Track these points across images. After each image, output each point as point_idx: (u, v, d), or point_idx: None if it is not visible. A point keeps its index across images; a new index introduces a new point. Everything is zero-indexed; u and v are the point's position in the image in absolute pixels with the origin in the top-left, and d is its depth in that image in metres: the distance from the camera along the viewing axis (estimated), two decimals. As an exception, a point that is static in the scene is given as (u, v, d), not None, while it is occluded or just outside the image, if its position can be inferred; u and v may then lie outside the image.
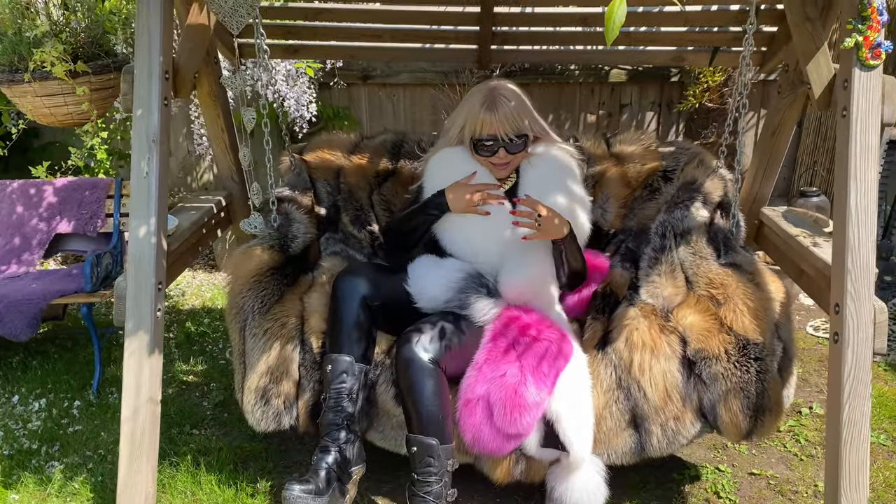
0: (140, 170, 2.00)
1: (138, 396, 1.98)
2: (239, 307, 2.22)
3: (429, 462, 1.97)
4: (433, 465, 1.97)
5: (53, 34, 2.32)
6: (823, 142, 4.23)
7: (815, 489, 2.45)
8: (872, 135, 1.87)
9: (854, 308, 1.85)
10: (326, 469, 2.01)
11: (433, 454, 1.97)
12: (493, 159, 2.24)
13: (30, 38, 2.29)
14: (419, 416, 1.99)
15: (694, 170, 2.49)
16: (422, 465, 1.98)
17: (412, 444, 1.99)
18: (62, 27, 2.35)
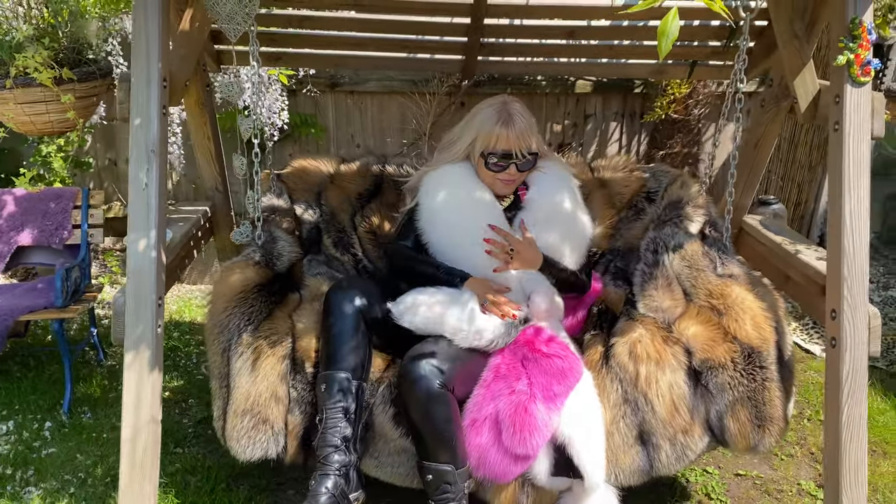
0: (139, 181, 1.92)
1: (139, 416, 1.90)
2: (222, 326, 2.08)
3: (445, 489, 1.92)
4: (450, 492, 1.92)
5: (36, 38, 2.20)
6: (777, 151, 4.40)
7: (798, 487, 2.54)
8: (863, 147, 1.96)
9: (851, 314, 1.93)
10: (327, 494, 1.90)
11: (449, 480, 1.92)
12: (501, 175, 2.23)
13: (10, 42, 2.17)
14: (433, 444, 1.93)
15: (678, 189, 2.54)
16: (438, 492, 1.92)
17: (427, 472, 1.93)
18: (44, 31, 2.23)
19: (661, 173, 2.65)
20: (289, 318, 2.16)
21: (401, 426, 2.03)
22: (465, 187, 2.29)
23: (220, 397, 2.07)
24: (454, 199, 2.28)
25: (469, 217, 2.26)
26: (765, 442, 2.08)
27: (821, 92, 2.25)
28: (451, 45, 2.74)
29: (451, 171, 2.32)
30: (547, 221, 2.27)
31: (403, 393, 1.96)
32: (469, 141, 2.27)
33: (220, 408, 2.06)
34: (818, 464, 2.67)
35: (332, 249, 2.58)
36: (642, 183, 2.63)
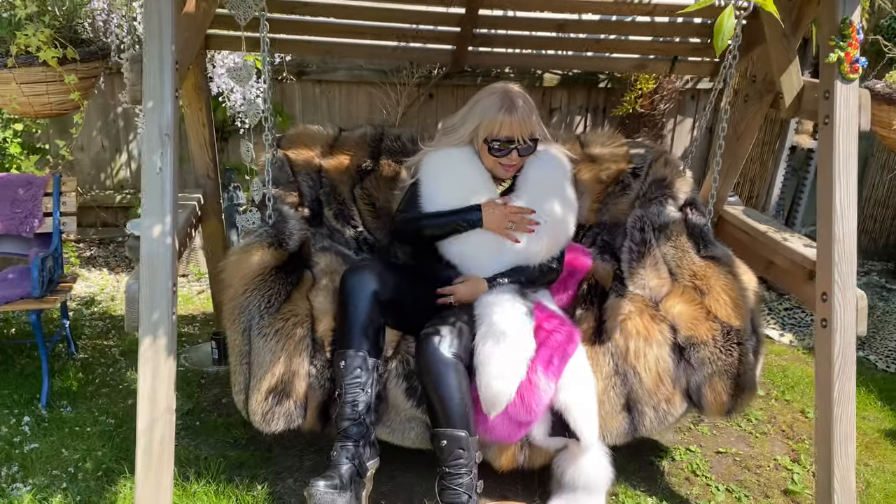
0: (153, 165, 1.87)
1: (155, 407, 1.86)
2: (242, 307, 2.14)
3: (459, 454, 2.00)
4: (463, 457, 2.00)
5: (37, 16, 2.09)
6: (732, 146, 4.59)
7: (774, 462, 2.69)
8: (852, 141, 2.09)
9: (841, 296, 2.06)
10: (348, 464, 2.00)
11: (463, 446, 2.00)
12: (504, 160, 2.29)
13: (10, 20, 2.05)
14: (447, 410, 2.02)
15: (662, 168, 2.68)
16: (452, 457, 2.00)
17: (441, 438, 2.02)
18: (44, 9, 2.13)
19: (644, 148, 2.77)
20: (306, 298, 2.22)
21: (412, 398, 2.14)
22: (465, 171, 2.35)
23: (240, 373, 2.13)
24: (454, 182, 2.34)
25: (469, 200, 2.31)
26: (737, 408, 2.30)
27: (804, 88, 2.38)
28: (444, 35, 2.76)
29: (454, 155, 2.36)
30: (538, 201, 2.33)
31: (420, 363, 2.07)
32: (473, 127, 2.31)
33: (242, 383, 2.12)
34: (789, 440, 2.83)
35: (334, 221, 2.62)
36: (628, 158, 2.73)
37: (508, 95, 2.27)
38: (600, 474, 2.20)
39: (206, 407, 2.81)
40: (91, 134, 4.29)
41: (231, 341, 2.18)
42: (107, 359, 3.12)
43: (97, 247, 4.38)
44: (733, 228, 2.73)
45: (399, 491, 2.34)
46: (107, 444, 2.53)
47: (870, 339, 3.70)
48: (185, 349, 3.22)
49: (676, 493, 2.48)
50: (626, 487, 2.47)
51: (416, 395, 2.13)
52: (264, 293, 2.13)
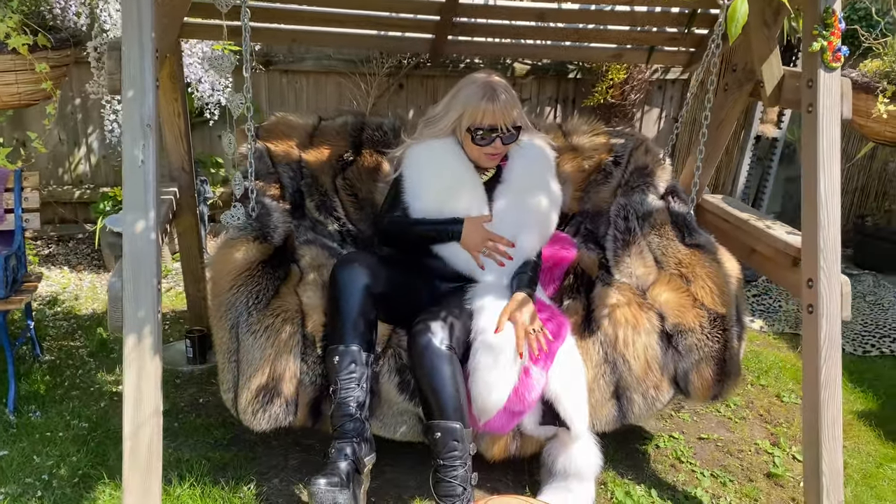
0: (134, 158, 1.79)
1: (141, 410, 1.78)
2: (229, 304, 2.08)
3: (453, 447, 1.98)
4: (458, 449, 1.98)
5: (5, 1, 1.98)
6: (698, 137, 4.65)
7: (755, 447, 2.73)
8: (835, 129, 2.12)
9: (826, 282, 2.09)
10: (346, 461, 1.96)
11: (458, 438, 1.98)
12: (487, 149, 2.26)
13: (-25, 5, 1.94)
14: (441, 402, 2.00)
15: (643, 156, 2.70)
16: (447, 449, 1.98)
17: (435, 431, 1.99)
18: (11, -6, 2.02)
19: (624, 136, 2.77)
20: (295, 293, 2.16)
21: (405, 392, 2.11)
22: (448, 163, 2.32)
23: (228, 371, 2.08)
24: (438, 174, 2.31)
25: (453, 192, 2.29)
26: (723, 393, 2.34)
27: (785, 76, 2.41)
28: (423, 24, 2.71)
29: (436, 146, 2.33)
30: (523, 193, 2.33)
31: (413, 356, 2.05)
32: (455, 117, 2.28)
33: (230, 381, 2.07)
34: (768, 424, 2.88)
35: (316, 213, 2.57)
36: (610, 147, 2.73)
37: (490, 84, 2.25)
38: (590, 462, 2.21)
39: (184, 407, 2.72)
40: (47, 127, 4.12)
41: (218, 339, 2.11)
42: (74, 360, 3.01)
43: (56, 244, 4.22)
44: (713, 217, 2.76)
45: (388, 487, 2.31)
46: (81, 449, 2.43)
47: (836, 324, 3.79)
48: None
49: (663, 481, 2.50)
50: (614, 476, 2.48)
51: (409, 389, 2.10)
52: (251, 289, 2.07)
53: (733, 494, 2.46)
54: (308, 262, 2.30)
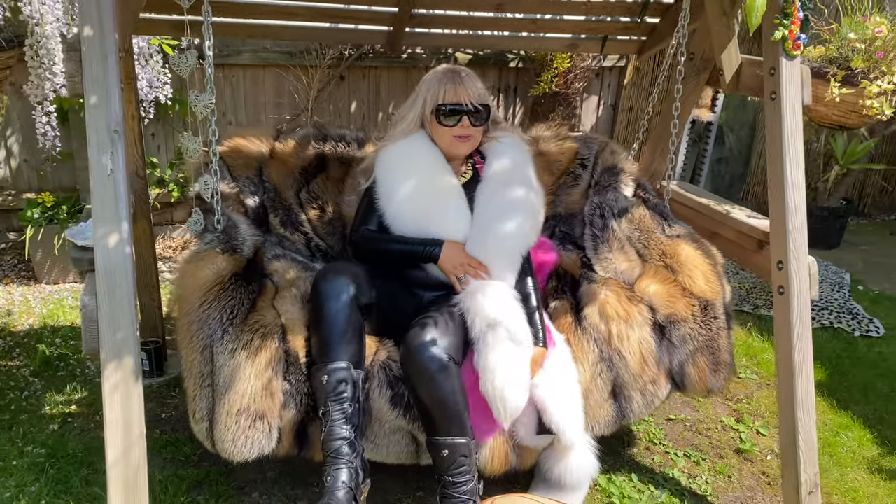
0: (102, 167, 1.67)
1: (128, 434, 1.68)
2: (201, 322, 1.91)
3: (461, 462, 1.91)
4: (465, 464, 1.92)
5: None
6: (635, 122, 4.76)
7: (721, 424, 2.82)
8: (798, 115, 2.18)
9: (796, 263, 2.16)
10: (344, 489, 1.84)
11: (465, 453, 1.92)
12: (456, 130, 2.18)
13: None
14: (445, 417, 1.91)
15: (610, 156, 2.70)
16: (454, 466, 1.91)
17: (441, 448, 1.91)
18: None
19: (589, 140, 2.78)
20: (273, 307, 2.02)
21: (398, 407, 2.01)
22: (421, 160, 2.23)
23: (202, 398, 1.90)
24: (411, 172, 2.22)
25: (429, 193, 2.22)
26: (718, 383, 2.32)
27: (742, 64, 2.47)
28: (380, 16, 2.65)
29: (407, 144, 2.25)
30: (505, 189, 2.26)
31: (411, 371, 1.94)
32: (420, 105, 2.22)
33: (204, 409, 1.90)
34: (729, 401, 2.98)
35: (281, 228, 2.45)
36: (575, 150, 2.74)
37: (452, 68, 2.23)
38: (587, 470, 2.15)
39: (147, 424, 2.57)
40: (-39, 130, 3.83)
41: (188, 362, 1.94)
42: (17, 382, 2.81)
43: (-24, 256, 3.93)
44: (673, 203, 2.81)
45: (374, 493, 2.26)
46: (40, 477, 2.28)
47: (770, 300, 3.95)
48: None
49: (641, 464, 2.55)
50: (593, 463, 2.50)
51: (403, 404, 2.00)
52: (225, 304, 1.92)
53: (707, 472, 2.53)
54: (281, 276, 2.18)
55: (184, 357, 1.95)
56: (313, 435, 2.00)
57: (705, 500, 2.40)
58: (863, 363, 3.33)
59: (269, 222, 2.43)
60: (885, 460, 2.65)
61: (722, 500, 2.40)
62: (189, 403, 1.94)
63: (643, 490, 2.41)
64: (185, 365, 1.95)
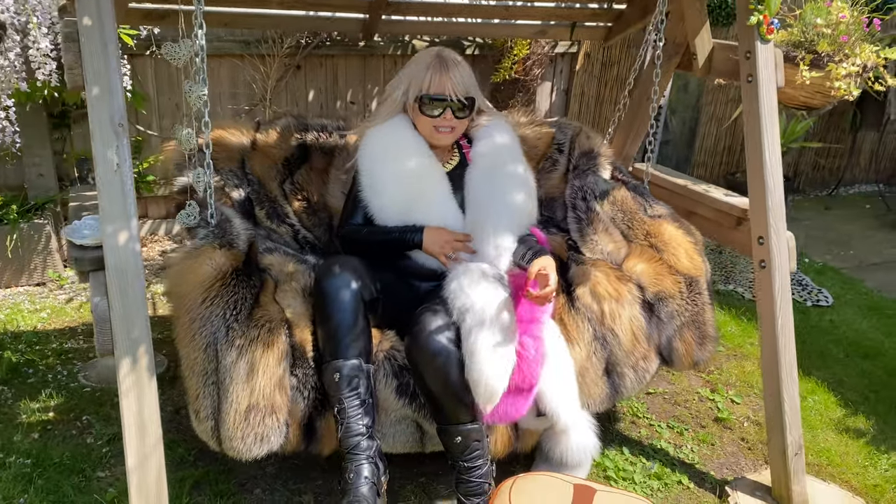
0: (108, 162, 1.61)
1: (145, 440, 1.63)
2: (204, 319, 1.85)
3: (475, 447, 1.94)
4: (479, 448, 1.95)
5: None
6: (587, 107, 4.86)
7: (697, 395, 2.94)
8: (773, 97, 2.29)
9: (776, 238, 2.27)
10: (367, 484, 1.84)
11: (478, 437, 1.95)
12: (438, 121, 2.17)
13: None
14: (456, 405, 1.93)
15: (586, 140, 2.76)
16: (469, 451, 1.94)
17: (455, 435, 1.93)
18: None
19: (564, 126, 2.83)
20: (275, 302, 1.99)
21: (404, 396, 2.02)
22: (402, 149, 2.22)
23: (206, 397, 1.85)
24: (393, 164, 2.21)
25: (409, 182, 2.21)
26: (704, 356, 2.41)
27: (714, 49, 2.57)
28: (357, 3, 2.62)
29: (388, 128, 2.24)
30: (498, 170, 2.29)
31: (419, 361, 1.95)
32: (404, 89, 2.21)
33: (209, 408, 1.85)
34: (702, 373, 3.11)
35: (267, 221, 2.41)
36: (552, 136, 2.78)
37: (439, 54, 2.19)
38: (587, 449, 2.16)
39: (132, 427, 2.51)
40: None
41: (189, 361, 1.88)
42: (-15, 391, 2.68)
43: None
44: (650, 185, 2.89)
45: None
46: (27, 488, 2.19)
47: (729, 275, 4.13)
48: (78, 367, 2.84)
49: (629, 437, 2.64)
50: (585, 439, 2.58)
51: (409, 393, 2.01)
52: (228, 300, 1.88)
53: (691, 442, 2.64)
54: (278, 270, 2.15)
55: (184, 356, 1.89)
56: (321, 429, 1.99)
57: (693, 467, 2.50)
58: (817, 331, 3.52)
59: (256, 215, 2.39)
60: (850, 420, 2.81)
61: (709, 467, 2.51)
62: (191, 403, 1.90)
63: (635, 462, 2.49)
64: (185, 363, 1.89)
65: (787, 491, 2.28)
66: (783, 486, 2.30)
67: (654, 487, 2.38)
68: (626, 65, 4.74)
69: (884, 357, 3.28)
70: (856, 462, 2.58)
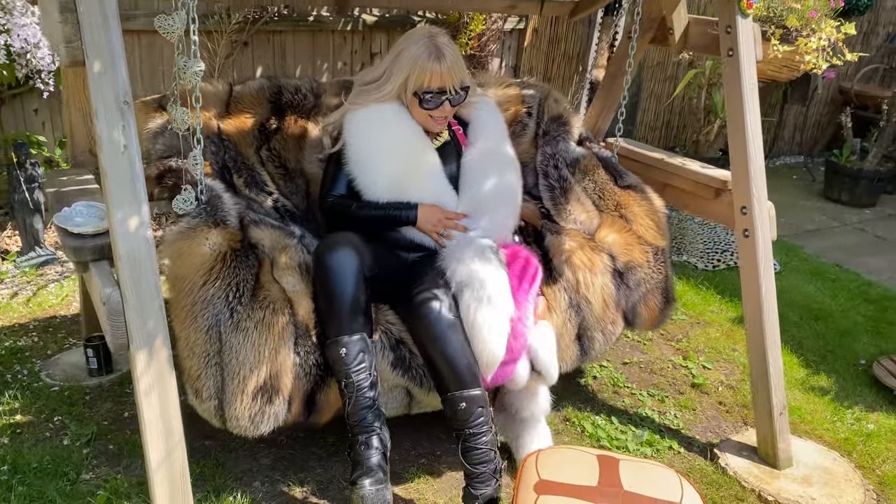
0: (115, 143, 1.50)
1: (170, 436, 1.55)
2: (206, 301, 1.81)
3: (480, 413, 1.96)
4: (484, 415, 1.97)
5: None
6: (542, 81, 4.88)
7: (671, 363, 3.03)
8: (753, 69, 2.35)
9: (758, 207, 2.35)
10: (378, 454, 1.89)
11: (482, 403, 1.96)
12: (435, 112, 2.19)
13: None
14: (458, 372, 1.95)
15: (555, 105, 2.79)
16: (473, 418, 1.95)
17: (459, 402, 1.94)
18: None
19: (531, 87, 2.84)
20: (275, 281, 1.94)
21: (398, 367, 2.05)
22: (397, 130, 2.22)
23: (208, 377, 1.82)
24: (387, 142, 2.21)
25: (405, 161, 2.22)
26: (664, 319, 2.56)
27: (689, 24, 2.62)
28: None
29: (381, 112, 2.22)
30: (487, 147, 2.32)
31: (421, 332, 1.98)
32: (402, 80, 2.19)
33: (212, 388, 1.82)
34: (671, 342, 3.20)
35: (246, 190, 2.33)
36: (521, 97, 2.78)
37: (435, 43, 2.17)
38: (549, 403, 2.32)
39: (111, 427, 2.38)
40: None
41: (189, 343, 1.82)
42: (-62, 396, 2.48)
43: None
44: (622, 159, 2.93)
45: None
46: (8, 496, 2.04)
47: (681, 246, 4.26)
48: (39, 365, 2.66)
49: (614, 406, 2.69)
50: (573, 411, 2.62)
51: (404, 365, 2.03)
52: (230, 281, 1.84)
53: (673, 408, 2.72)
54: (269, 245, 2.08)
55: (182, 337, 1.83)
56: (321, 402, 1.99)
57: (679, 433, 2.58)
58: (769, 296, 3.68)
59: (234, 184, 2.29)
60: (813, 380, 2.97)
61: (694, 431, 2.60)
62: (190, 383, 1.84)
63: (626, 431, 2.55)
64: (184, 344, 1.83)
65: (773, 449, 2.39)
66: (769, 446, 2.40)
67: (647, 454, 2.45)
68: (574, 41, 4.78)
69: (833, 318, 3.47)
70: (824, 418, 2.72)
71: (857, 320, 3.47)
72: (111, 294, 1.53)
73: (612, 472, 1.75)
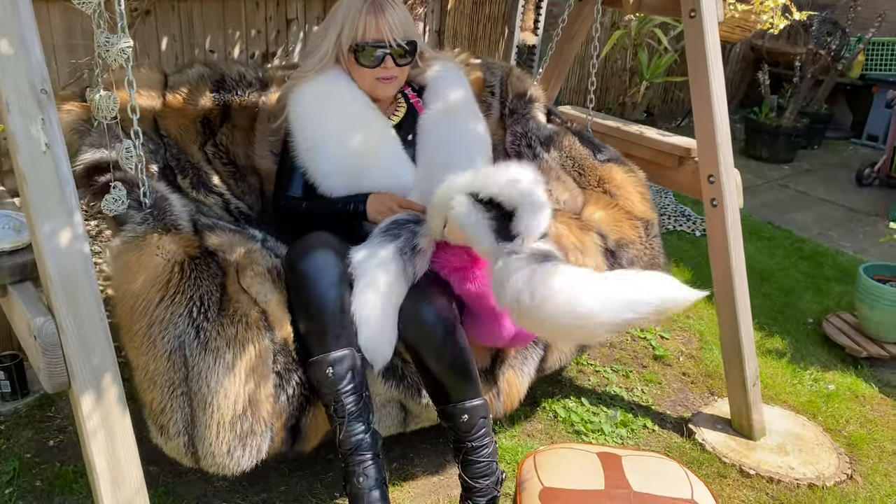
0: (33, 141, 1.22)
1: (123, 487, 1.31)
2: (164, 322, 1.53)
3: (482, 424, 1.79)
4: (486, 426, 1.80)
5: None
6: (461, 47, 4.68)
7: (630, 336, 2.98)
8: (715, 31, 2.25)
9: (726, 176, 2.27)
10: (378, 487, 1.66)
11: (484, 414, 1.79)
12: (377, 71, 1.97)
13: None
14: (460, 381, 1.76)
15: (517, 82, 2.61)
16: (475, 429, 1.78)
17: (461, 414, 1.76)
18: None
19: (492, 66, 2.66)
20: (244, 290, 1.67)
21: (391, 379, 1.84)
22: (342, 105, 2.01)
23: (175, 410, 1.55)
24: (334, 122, 2.00)
25: (356, 142, 2.00)
26: None
27: (643, -16, 2.49)
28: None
29: (322, 86, 2.00)
30: (453, 125, 2.12)
31: (416, 342, 1.76)
32: (335, 36, 1.97)
33: (181, 422, 1.56)
34: (625, 312, 3.14)
35: (193, 192, 2.04)
36: (482, 78, 2.60)
37: None
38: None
39: (34, 459, 2.08)
40: None
41: (149, 372, 1.54)
42: None
43: None
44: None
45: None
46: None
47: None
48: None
49: (582, 387, 2.60)
50: (542, 396, 2.51)
51: (396, 375, 1.82)
52: (192, 294, 1.56)
53: (640, 383, 2.66)
54: (229, 251, 1.81)
55: (139, 366, 1.55)
56: (306, 427, 1.74)
57: (650, 409, 2.52)
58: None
59: (179, 185, 2.01)
60: (768, 343, 2.97)
61: (664, 406, 2.54)
62: (152, 418, 1.57)
63: (598, 413, 2.46)
64: (142, 374, 1.55)
65: (747, 421, 2.36)
66: (744, 417, 2.37)
67: (623, 436, 2.37)
68: (499, 2, 4.61)
69: (775, 278, 3.51)
70: (785, 381, 2.73)
71: (798, 278, 3.52)
72: (44, 325, 1.25)
73: (616, 471, 1.64)
